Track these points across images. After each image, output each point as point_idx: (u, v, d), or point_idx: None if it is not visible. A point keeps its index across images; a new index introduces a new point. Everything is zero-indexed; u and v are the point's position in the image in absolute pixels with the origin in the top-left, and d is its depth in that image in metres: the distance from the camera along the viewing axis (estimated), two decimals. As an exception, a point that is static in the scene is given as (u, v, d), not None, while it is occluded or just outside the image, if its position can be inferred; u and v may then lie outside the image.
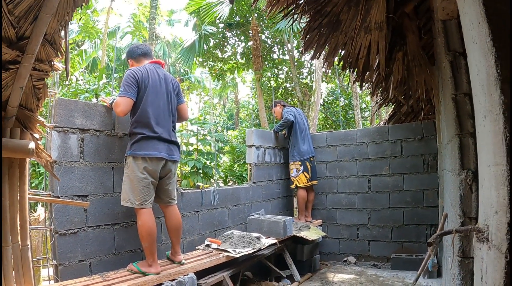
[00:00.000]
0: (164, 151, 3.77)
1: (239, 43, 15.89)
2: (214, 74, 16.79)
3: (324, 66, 5.54)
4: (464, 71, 2.88)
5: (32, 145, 2.52)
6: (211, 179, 8.53)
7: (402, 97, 5.93)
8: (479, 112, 1.57)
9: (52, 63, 2.57)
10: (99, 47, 22.21)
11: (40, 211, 5.13)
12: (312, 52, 5.13)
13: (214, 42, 15.34)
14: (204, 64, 16.52)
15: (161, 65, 4.09)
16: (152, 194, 3.72)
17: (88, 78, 12.87)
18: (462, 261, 2.61)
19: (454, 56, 3.01)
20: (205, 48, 14.60)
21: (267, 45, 15.74)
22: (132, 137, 3.71)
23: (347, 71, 5.45)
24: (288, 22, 11.17)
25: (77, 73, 15.65)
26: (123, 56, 23.52)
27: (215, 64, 16.48)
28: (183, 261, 4.02)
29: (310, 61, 15.72)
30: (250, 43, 14.59)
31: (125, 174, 3.70)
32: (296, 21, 4.88)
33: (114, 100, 3.76)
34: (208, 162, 8.30)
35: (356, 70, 5.19)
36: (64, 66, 2.66)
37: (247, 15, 14.18)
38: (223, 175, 10.33)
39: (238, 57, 16.16)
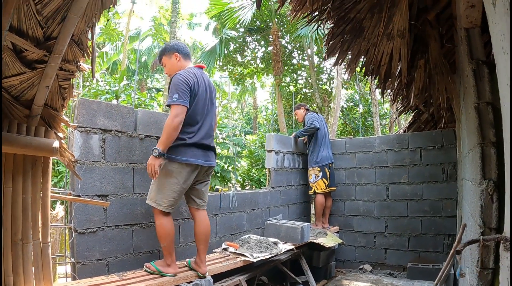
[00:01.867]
0: (202, 158, 3.69)
1: (259, 47, 15.90)
2: (233, 78, 16.83)
3: (346, 72, 5.53)
4: (487, 80, 2.86)
5: (56, 144, 2.56)
6: (229, 183, 8.55)
7: (423, 105, 5.89)
8: (507, 122, 1.54)
9: (79, 63, 2.62)
10: (120, 50, 22.42)
11: (59, 209, 5.20)
12: (334, 58, 5.13)
13: (234, 47, 15.37)
14: (224, 68, 16.58)
15: (203, 69, 4.00)
16: (179, 200, 3.68)
17: (108, 80, 13.07)
18: (481, 272, 2.58)
19: (477, 65, 2.98)
20: (225, 52, 14.59)
21: (287, 50, 15.73)
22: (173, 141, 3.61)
23: (368, 77, 5.43)
24: (310, 28, 11.24)
25: (97, 75, 15.86)
26: (144, 59, 23.74)
27: (234, 68, 16.55)
28: (207, 274, 3.86)
29: (330, 67, 15.70)
30: (270, 48, 14.57)
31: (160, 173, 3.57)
32: (320, 27, 4.89)
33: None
34: (226, 166, 8.32)
35: (377, 77, 5.19)
36: (90, 67, 2.71)
37: (268, 20, 14.19)
38: (241, 179, 10.35)
39: (258, 61, 16.18)
